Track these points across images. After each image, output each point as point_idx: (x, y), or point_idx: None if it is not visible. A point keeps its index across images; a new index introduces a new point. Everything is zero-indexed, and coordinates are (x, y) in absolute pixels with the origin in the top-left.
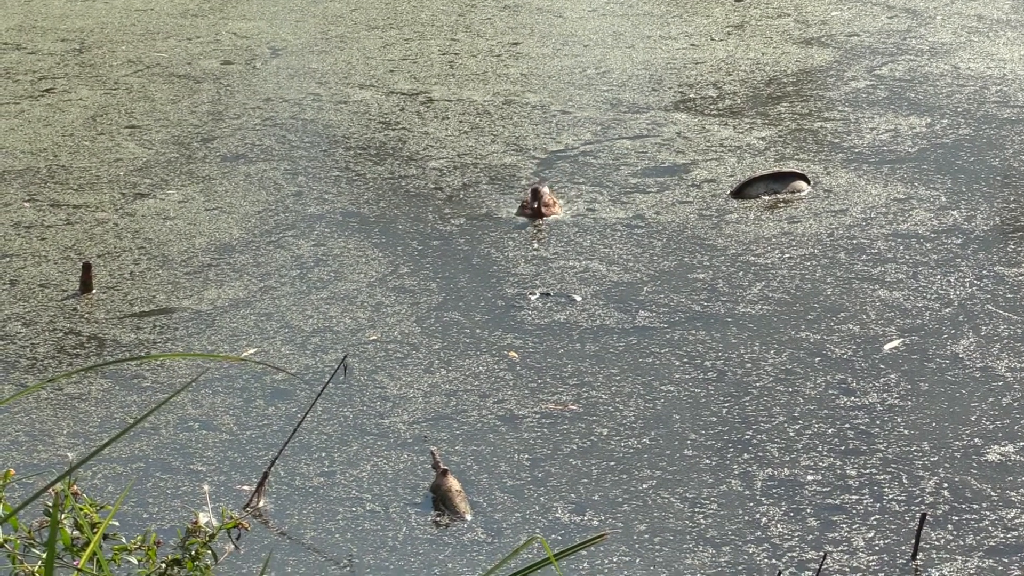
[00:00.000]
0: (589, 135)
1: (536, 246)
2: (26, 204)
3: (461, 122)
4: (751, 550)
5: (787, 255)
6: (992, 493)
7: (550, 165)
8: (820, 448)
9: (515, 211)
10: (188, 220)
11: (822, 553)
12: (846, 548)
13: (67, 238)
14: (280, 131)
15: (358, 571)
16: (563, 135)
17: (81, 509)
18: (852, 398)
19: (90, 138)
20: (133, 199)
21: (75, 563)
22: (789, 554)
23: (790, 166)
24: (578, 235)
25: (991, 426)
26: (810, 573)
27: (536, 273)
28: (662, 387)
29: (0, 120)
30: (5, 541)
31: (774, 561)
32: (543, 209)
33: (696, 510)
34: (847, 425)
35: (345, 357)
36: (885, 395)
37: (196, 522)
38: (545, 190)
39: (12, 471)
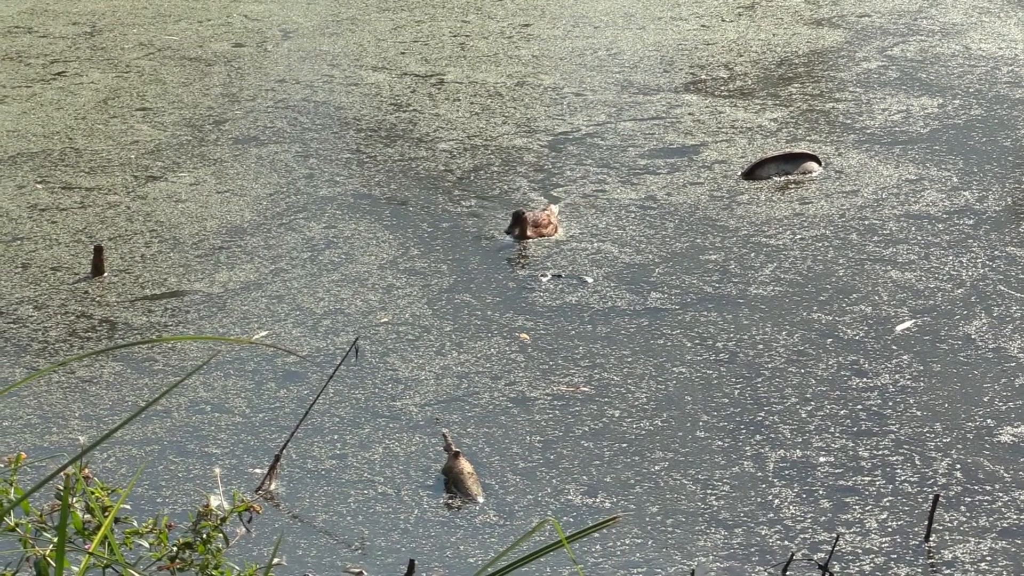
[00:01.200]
0: (601, 117)
1: (521, 265)
2: (39, 186)
3: (472, 104)
4: (763, 532)
5: (799, 236)
6: (1005, 474)
7: (561, 147)
8: (832, 429)
9: (506, 229)
10: (199, 203)
11: (835, 535)
12: (859, 530)
13: (79, 221)
14: (291, 113)
15: (369, 554)
16: (575, 117)
17: (92, 493)
18: (864, 379)
19: (102, 121)
20: (145, 182)
21: (86, 547)
22: (802, 536)
23: (801, 147)
24: (593, 216)
25: (1004, 407)
26: (823, 555)
27: (547, 255)
28: (674, 369)
29: (12, 103)
30: (17, 525)
31: (787, 543)
32: (529, 231)
33: (708, 492)
34: (859, 406)
35: (356, 339)
36: (897, 376)
37: (208, 505)
38: (549, 209)
39: (24, 454)
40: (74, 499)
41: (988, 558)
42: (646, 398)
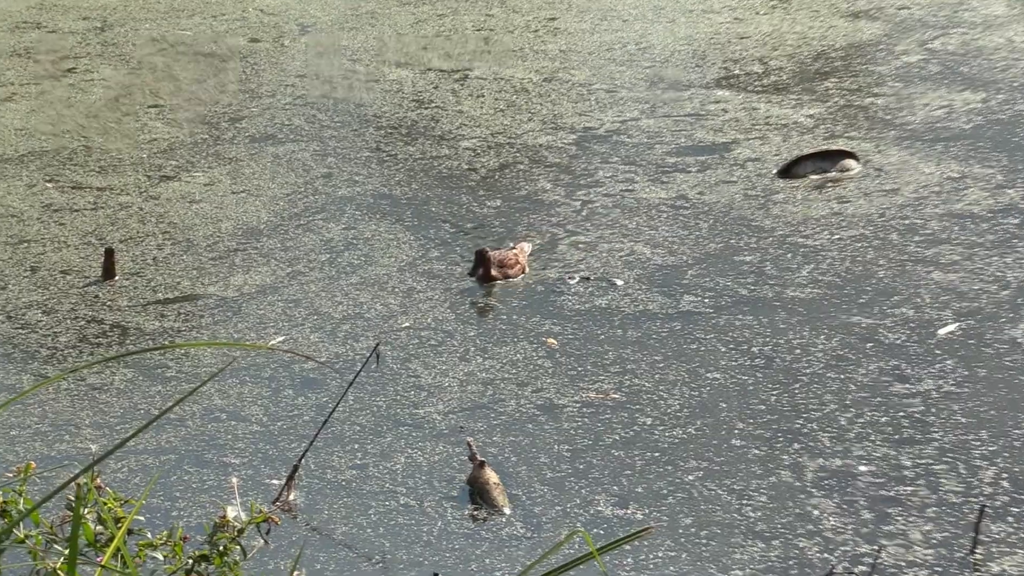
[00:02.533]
0: (630, 113)
1: (493, 303)
2: (49, 185)
3: (497, 100)
4: (802, 544)
5: (837, 236)
6: None
7: (589, 145)
8: (873, 437)
9: (468, 271)
10: (214, 203)
11: (876, 547)
12: (902, 542)
13: (89, 222)
14: (310, 110)
15: (391, 567)
16: (603, 113)
17: (105, 503)
18: (906, 385)
19: (113, 119)
20: (158, 182)
21: (98, 560)
22: (842, 548)
23: (839, 144)
24: (623, 216)
25: None
26: (864, 568)
27: (578, 257)
28: (708, 374)
29: (21, 101)
30: (26, 537)
31: (826, 556)
32: (493, 272)
33: (744, 502)
34: (901, 413)
35: (377, 345)
36: (941, 382)
37: (224, 516)
38: (519, 248)
39: (33, 464)
40: (86, 510)
41: None
42: (679, 405)
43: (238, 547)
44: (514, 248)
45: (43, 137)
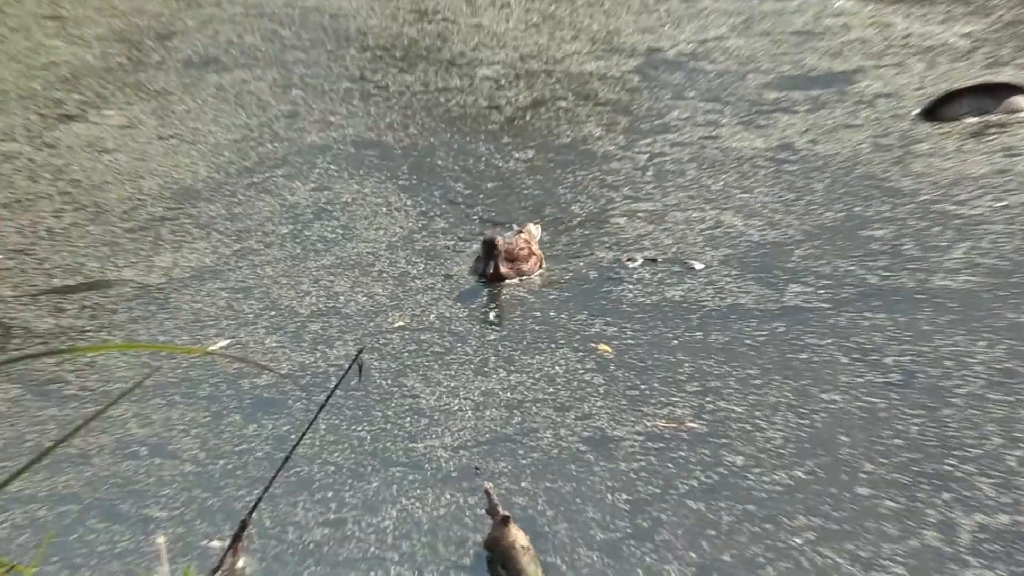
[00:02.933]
0: (715, 30)
1: (498, 309)
2: None
3: (528, 11)
4: None
5: (1003, 203)
6: None
7: (655, 74)
8: None
9: (468, 270)
10: (134, 153)
11: None
12: None
13: None
14: (268, 24)
15: None
16: (677, 30)
17: None
18: None
19: None
20: (55, 123)
21: None
22: None
23: (1005, 75)
24: (703, 174)
25: None
26: None
27: (640, 230)
28: (822, 395)
29: None
30: None
31: None
32: (502, 268)
33: (874, 574)
34: None
35: (359, 352)
36: None
37: None
38: (527, 230)
39: None
40: None
41: None
42: (782, 439)
43: None
44: (521, 232)
45: None
